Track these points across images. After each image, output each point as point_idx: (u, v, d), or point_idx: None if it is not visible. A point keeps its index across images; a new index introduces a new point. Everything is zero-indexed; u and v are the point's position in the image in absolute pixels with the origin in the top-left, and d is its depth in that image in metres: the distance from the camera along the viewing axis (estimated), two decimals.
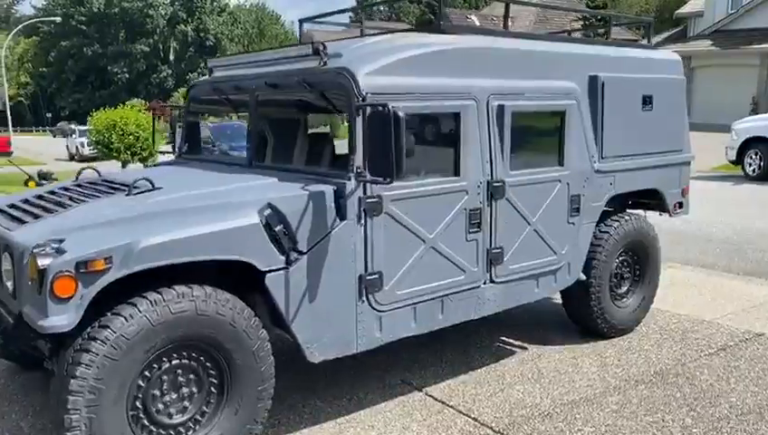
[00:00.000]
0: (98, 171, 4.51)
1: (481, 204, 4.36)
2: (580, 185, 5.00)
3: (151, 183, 3.79)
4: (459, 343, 5.50)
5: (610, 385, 4.74)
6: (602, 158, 5.19)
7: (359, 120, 3.72)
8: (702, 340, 5.62)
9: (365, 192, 3.77)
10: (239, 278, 3.60)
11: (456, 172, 4.23)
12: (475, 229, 4.35)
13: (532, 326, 5.95)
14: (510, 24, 5.45)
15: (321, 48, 3.93)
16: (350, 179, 3.73)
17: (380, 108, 3.48)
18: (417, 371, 4.98)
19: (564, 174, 4.87)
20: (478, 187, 4.33)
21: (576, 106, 4.91)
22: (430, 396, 4.59)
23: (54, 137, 54.56)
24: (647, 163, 5.56)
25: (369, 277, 3.85)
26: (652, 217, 6.06)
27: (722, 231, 10.30)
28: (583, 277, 5.27)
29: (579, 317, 5.59)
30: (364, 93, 3.74)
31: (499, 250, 4.52)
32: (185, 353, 3.37)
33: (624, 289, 5.72)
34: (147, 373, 3.27)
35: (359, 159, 3.74)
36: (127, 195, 3.74)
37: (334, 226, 3.70)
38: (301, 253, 3.60)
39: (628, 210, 5.71)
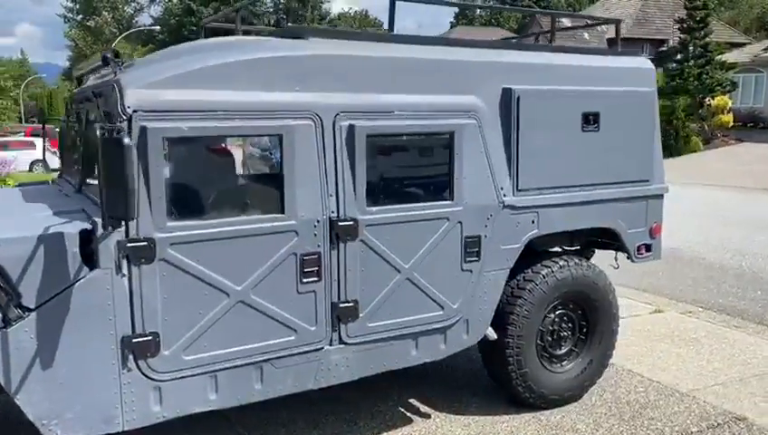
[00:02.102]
0: None
1: (320, 247, 3.53)
2: (480, 223, 4.04)
3: None
4: (352, 401, 4.65)
5: None
6: (518, 190, 4.18)
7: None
8: (658, 422, 4.46)
9: (127, 234, 3.06)
10: None
11: (281, 208, 3.42)
12: (312, 279, 3.53)
13: (453, 383, 4.99)
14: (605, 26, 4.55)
15: (110, 57, 3.26)
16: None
17: (107, 130, 2.76)
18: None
19: (454, 210, 3.93)
20: (315, 226, 3.50)
21: (475, 126, 3.96)
22: None
23: None
24: (591, 197, 4.49)
25: (137, 340, 3.13)
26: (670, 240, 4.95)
27: (752, 263, 8.75)
28: (493, 336, 4.29)
29: (499, 382, 4.59)
30: (129, 111, 3.03)
31: (351, 304, 3.66)
32: None
33: (563, 350, 4.65)
34: None
35: None
36: None
37: (79, 276, 3.01)
38: (27, 309, 2.94)
39: (566, 254, 4.63)
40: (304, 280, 3.50)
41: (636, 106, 4.61)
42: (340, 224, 3.55)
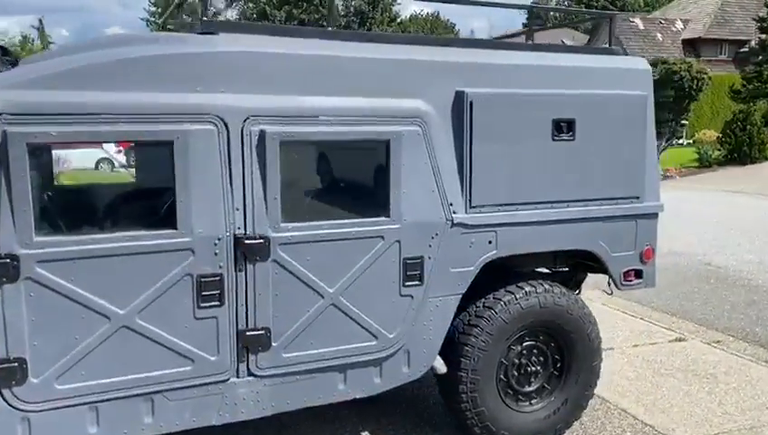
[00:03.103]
0: None
1: (222, 268, 3.16)
2: (423, 243, 3.57)
3: None
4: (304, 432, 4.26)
5: None
6: (471, 207, 3.69)
7: None
8: None
9: None
10: None
11: (173, 224, 3.07)
12: (213, 303, 3.16)
13: (417, 418, 4.52)
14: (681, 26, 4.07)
15: None
16: None
17: None
18: None
19: (391, 228, 3.48)
20: (215, 244, 3.13)
21: (418, 134, 3.50)
22: None
23: None
24: (564, 215, 3.94)
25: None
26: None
27: None
28: (442, 370, 3.81)
29: (456, 419, 4.10)
30: None
31: (261, 333, 3.28)
32: None
33: (532, 388, 4.11)
34: None
35: None
36: None
37: None
38: None
39: (536, 279, 4.08)
40: (203, 304, 3.14)
41: (624, 112, 4.03)
42: (247, 242, 3.17)
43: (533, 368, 4.08)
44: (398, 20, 69.61)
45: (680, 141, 25.54)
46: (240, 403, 3.31)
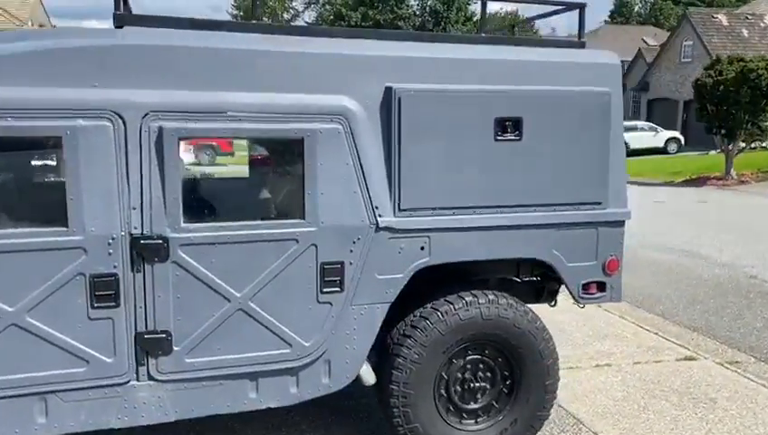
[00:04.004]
0: None
1: (117, 268, 3.07)
2: (343, 248, 3.38)
3: None
4: None
5: None
6: (400, 210, 3.46)
7: None
8: None
9: None
10: None
11: (64, 222, 3.00)
12: (108, 304, 3.08)
13: (376, 424, 4.31)
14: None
15: None
16: None
17: None
18: None
19: (306, 231, 3.30)
20: (109, 244, 3.05)
21: (339, 132, 3.30)
22: None
23: None
24: (510, 221, 3.65)
25: None
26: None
27: None
28: (370, 381, 3.60)
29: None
30: None
31: (161, 336, 3.17)
32: None
33: (478, 405, 3.84)
34: None
35: None
36: None
37: None
38: None
39: (478, 289, 3.79)
40: (97, 305, 3.06)
41: (582, 110, 3.69)
42: (144, 242, 3.07)
43: (479, 384, 3.81)
44: (474, 19, 68.89)
45: (763, 144, 23.97)
46: (141, 407, 3.22)
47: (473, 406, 3.83)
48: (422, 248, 3.52)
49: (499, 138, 3.56)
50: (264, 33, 3.36)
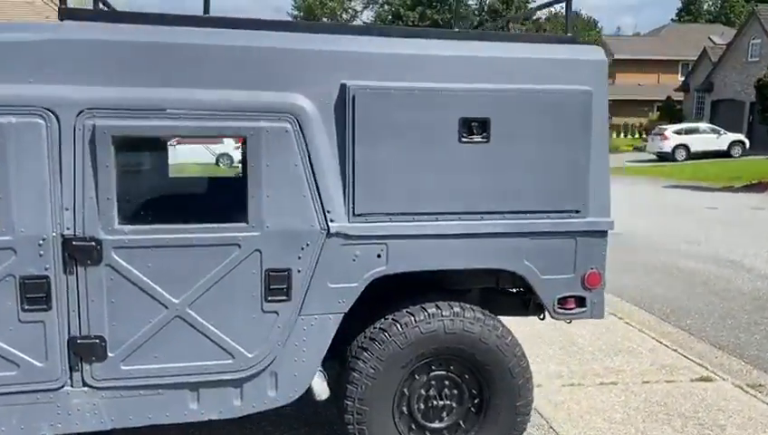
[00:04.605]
0: None
1: (48, 270, 2.97)
2: (290, 254, 3.19)
3: None
4: None
5: None
6: (354, 215, 3.26)
7: None
8: None
9: None
10: None
11: None
12: (39, 307, 2.98)
13: None
14: None
15: None
16: None
17: None
18: None
19: (249, 235, 3.13)
20: (40, 245, 2.95)
21: (287, 131, 3.12)
22: None
23: None
24: (476, 228, 3.39)
25: None
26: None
27: None
28: (322, 396, 3.40)
29: None
30: None
31: (95, 342, 3.05)
32: None
33: (443, 424, 3.60)
34: None
35: None
36: None
37: None
38: None
39: (444, 300, 3.53)
40: (27, 307, 2.96)
41: (559, 110, 3.40)
42: (76, 244, 2.96)
43: (444, 402, 3.56)
44: (534, 18, 67.68)
45: None
46: (75, 414, 3.11)
47: (437, 425, 3.59)
48: (378, 256, 3.31)
49: (464, 139, 3.31)
50: (214, 28, 3.21)
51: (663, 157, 30.46)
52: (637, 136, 41.35)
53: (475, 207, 3.37)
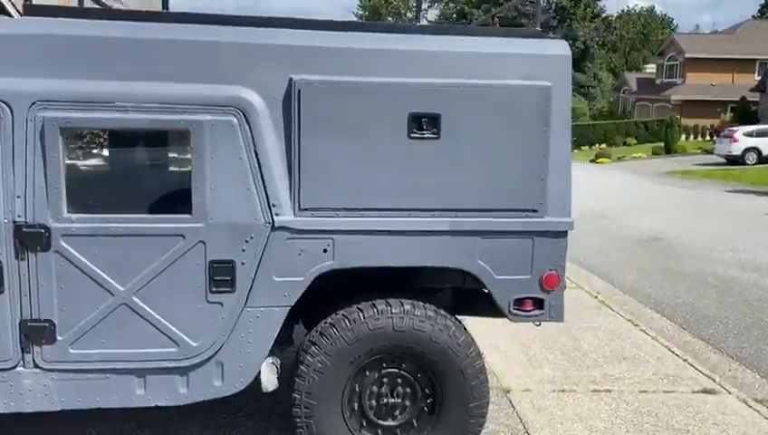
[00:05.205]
0: None
1: (0, 255, 3.10)
2: (234, 246, 3.23)
3: None
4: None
5: None
6: (300, 209, 3.27)
7: None
8: None
9: None
10: None
11: None
12: None
13: None
14: None
15: None
16: None
17: None
18: None
19: (193, 227, 3.19)
20: None
21: (231, 124, 3.16)
22: None
23: None
24: (426, 225, 3.34)
25: None
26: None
27: None
28: (269, 388, 3.43)
29: None
30: None
31: (45, 325, 3.17)
32: None
33: (395, 422, 3.56)
34: None
35: None
36: None
37: None
38: None
39: (395, 297, 3.49)
40: None
41: (516, 106, 3.32)
42: (26, 230, 3.09)
43: (396, 400, 3.53)
44: (603, 16, 65.94)
45: None
46: (26, 394, 3.24)
47: (390, 423, 3.55)
48: (325, 251, 3.31)
49: (414, 135, 3.27)
50: (164, 23, 3.28)
51: (732, 160, 29.14)
52: (707, 138, 39.69)
53: (425, 204, 3.33)
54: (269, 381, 3.42)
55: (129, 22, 3.22)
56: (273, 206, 3.23)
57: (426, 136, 3.27)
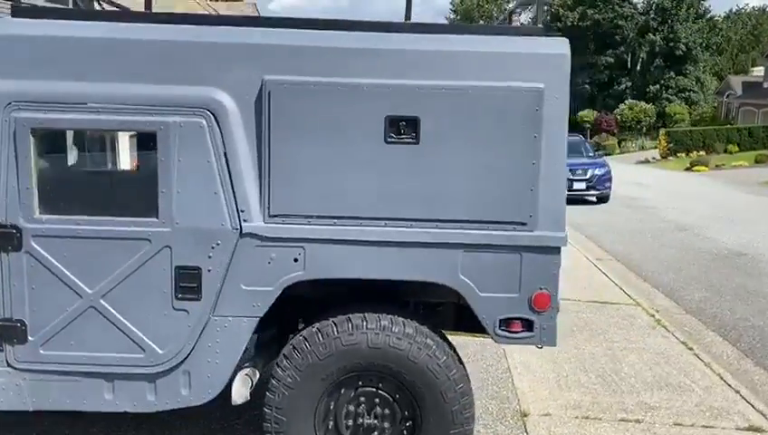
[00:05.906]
0: None
1: None
2: (200, 253, 3.12)
3: None
4: None
5: None
6: (270, 216, 3.12)
7: None
8: None
9: None
10: None
11: None
12: None
13: None
14: None
15: None
16: None
17: None
18: None
19: (158, 231, 3.11)
20: None
21: (200, 127, 3.07)
22: None
23: None
24: (404, 236, 3.12)
25: None
26: None
27: None
28: (238, 400, 3.30)
29: None
30: None
31: (16, 325, 3.18)
32: None
33: None
34: None
35: None
36: None
37: None
38: None
39: (374, 312, 3.27)
40: None
41: (503, 110, 3.04)
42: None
43: (372, 420, 3.32)
44: (708, 16, 62.57)
45: None
46: (0, 392, 3.26)
47: None
48: (296, 260, 3.15)
49: (391, 140, 3.05)
50: (145, 23, 3.22)
51: None
52: None
53: (402, 214, 3.11)
54: (238, 393, 3.29)
55: (102, 22, 3.18)
56: (242, 211, 3.11)
57: (404, 140, 3.05)
